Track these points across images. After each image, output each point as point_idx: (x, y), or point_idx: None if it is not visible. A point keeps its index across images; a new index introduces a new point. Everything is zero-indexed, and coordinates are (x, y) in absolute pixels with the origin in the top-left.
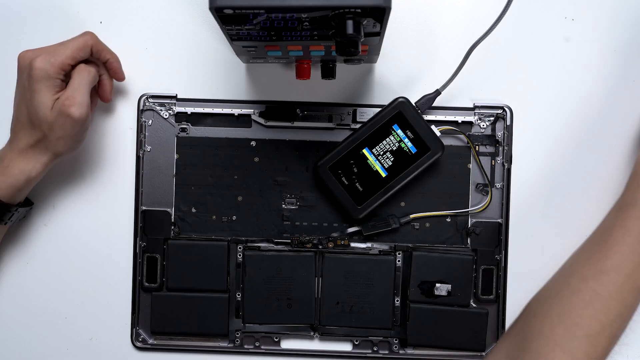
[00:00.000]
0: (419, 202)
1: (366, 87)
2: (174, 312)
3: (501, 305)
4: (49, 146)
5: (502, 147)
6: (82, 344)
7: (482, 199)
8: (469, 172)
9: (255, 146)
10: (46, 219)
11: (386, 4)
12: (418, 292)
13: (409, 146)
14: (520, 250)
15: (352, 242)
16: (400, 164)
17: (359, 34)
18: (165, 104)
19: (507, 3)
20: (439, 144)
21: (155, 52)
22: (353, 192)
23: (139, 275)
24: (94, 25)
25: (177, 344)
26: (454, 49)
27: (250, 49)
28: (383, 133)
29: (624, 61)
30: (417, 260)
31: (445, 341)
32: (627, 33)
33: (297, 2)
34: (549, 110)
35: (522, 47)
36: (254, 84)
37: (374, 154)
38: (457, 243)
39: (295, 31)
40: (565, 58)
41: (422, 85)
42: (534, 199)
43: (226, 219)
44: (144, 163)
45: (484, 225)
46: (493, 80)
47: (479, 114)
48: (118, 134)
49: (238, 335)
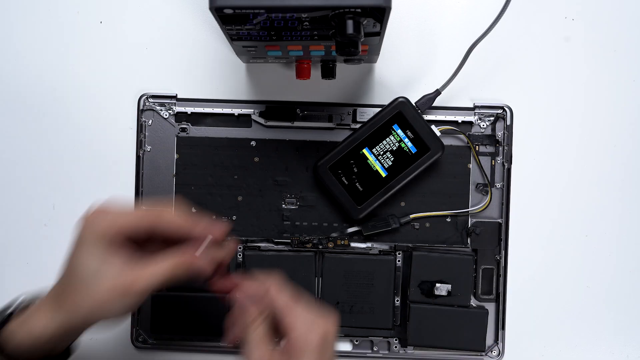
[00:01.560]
0: (419, 202)
1: (366, 87)
2: (174, 312)
3: (501, 305)
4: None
5: (502, 147)
6: (82, 344)
7: (482, 199)
8: (469, 172)
9: (255, 146)
10: (46, 219)
11: (386, 4)
12: (418, 292)
13: (409, 146)
14: (520, 250)
15: (352, 242)
16: (400, 164)
17: (359, 34)
18: (165, 104)
19: (506, 3)
20: (439, 144)
21: (155, 52)
22: (353, 192)
23: None
24: (94, 25)
25: (177, 344)
26: (454, 49)
27: (250, 49)
28: (383, 133)
29: (624, 61)
30: (417, 260)
31: (446, 341)
32: (627, 33)
33: (297, 2)
34: (549, 110)
35: (522, 47)
36: (254, 84)
37: (374, 154)
38: (457, 243)
39: (295, 31)
40: (565, 58)
41: (422, 85)
42: (534, 199)
43: (226, 219)
44: (144, 163)
45: (484, 225)
46: (493, 80)
47: (479, 113)
48: (118, 134)
49: None
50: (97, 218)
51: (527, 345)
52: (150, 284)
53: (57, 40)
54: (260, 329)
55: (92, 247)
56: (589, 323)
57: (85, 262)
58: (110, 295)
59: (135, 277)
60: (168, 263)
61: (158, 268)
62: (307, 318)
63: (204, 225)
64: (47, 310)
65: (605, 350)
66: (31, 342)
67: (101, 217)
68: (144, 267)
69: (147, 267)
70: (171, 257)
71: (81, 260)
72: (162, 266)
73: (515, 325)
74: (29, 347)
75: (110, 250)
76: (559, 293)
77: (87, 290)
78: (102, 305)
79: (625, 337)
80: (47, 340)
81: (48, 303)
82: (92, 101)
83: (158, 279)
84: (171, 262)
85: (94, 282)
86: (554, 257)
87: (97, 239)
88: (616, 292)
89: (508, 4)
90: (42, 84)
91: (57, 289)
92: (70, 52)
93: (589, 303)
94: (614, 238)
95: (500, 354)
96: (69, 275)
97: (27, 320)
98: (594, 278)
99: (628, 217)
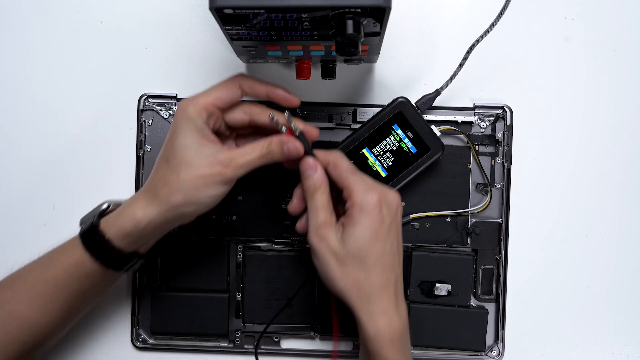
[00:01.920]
0: (419, 202)
1: (366, 87)
2: (174, 312)
3: (501, 305)
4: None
5: (502, 147)
6: (82, 343)
7: (482, 199)
8: (469, 172)
9: None
10: (46, 219)
11: (386, 4)
12: (418, 292)
13: (409, 146)
14: (520, 250)
15: None
16: (400, 164)
17: (359, 34)
18: (165, 104)
19: (506, 3)
20: (439, 144)
21: (155, 52)
22: None
23: (139, 275)
24: (94, 25)
25: (177, 344)
26: (453, 49)
27: (250, 49)
28: (383, 133)
29: (624, 61)
30: (417, 260)
31: (446, 341)
32: (627, 33)
33: (297, 2)
34: (549, 110)
35: (522, 47)
36: None
37: (374, 154)
38: (457, 243)
39: (295, 31)
40: (565, 58)
41: (422, 85)
42: (534, 199)
43: (226, 219)
44: (144, 163)
45: (484, 225)
46: (493, 80)
47: (478, 113)
48: (118, 134)
49: (238, 335)
50: (188, 104)
51: (527, 345)
52: (247, 162)
53: (57, 40)
54: (324, 195)
55: (187, 130)
56: (589, 323)
57: (183, 143)
58: (209, 173)
59: (232, 155)
60: (263, 142)
61: (254, 147)
62: (367, 182)
63: (283, 91)
64: (144, 201)
65: (605, 350)
66: (132, 227)
67: (191, 102)
68: (240, 148)
69: (243, 147)
70: (265, 139)
71: (179, 142)
72: (257, 145)
73: (515, 325)
74: (128, 233)
75: (204, 133)
76: (559, 293)
77: (187, 170)
78: (197, 189)
79: (625, 337)
80: (144, 226)
81: (143, 197)
82: (92, 101)
83: (254, 157)
84: (266, 141)
85: (193, 161)
86: (554, 257)
87: (191, 121)
88: (616, 292)
89: (508, 4)
90: (42, 83)
91: (151, 183)
92: (71, 52)
93: (589, 303)
94: (614, 238)
95: (500, 354)
96: (166, 161)
97: (125, 209)
98: (594, 278)
99: (628, 217)
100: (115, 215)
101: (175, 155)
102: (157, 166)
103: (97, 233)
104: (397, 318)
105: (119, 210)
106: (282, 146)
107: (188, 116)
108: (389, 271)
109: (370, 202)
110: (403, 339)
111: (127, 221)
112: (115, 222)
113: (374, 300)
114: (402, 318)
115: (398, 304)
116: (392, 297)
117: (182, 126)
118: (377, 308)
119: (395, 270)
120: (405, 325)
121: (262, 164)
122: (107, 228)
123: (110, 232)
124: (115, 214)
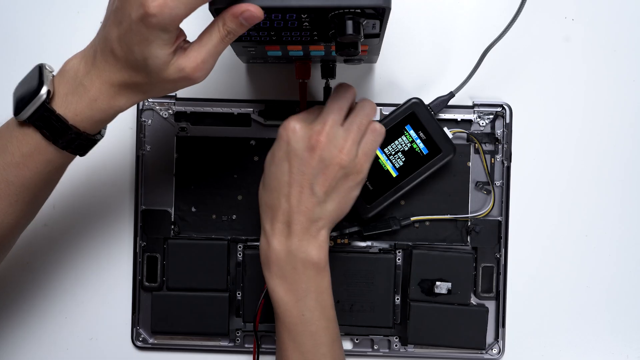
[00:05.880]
0: (418, 200)
1: (366, 87)
2: (174, 312)
3: (501, 303)
4: (147, 91)
5: (502, 145)
6: (82, 343)
7: (482, 197)
8: (469, 170)
9: (255, 145)
10: (46, 218)
11: (386, 4)
12: (418, 291)
13: (420, 147)
14: (520, 248)
15: (352, 241)
16: (411, 165)
17: (358, 34)
18: (164, 104)
19: (520, 5)
20: (451, 146)
21: None
22: (363, 191)
23: (139, 275)
24: (94, 25)
25: (178, 344)
26: (454, 49)
27: (250, 49)
28: (395, 133)
29: (624, 61)
30: (417, 259)
31: (446, 339)
32: (627, 33)
33: (297, 2)
34: (548, 109)
35: (522, 47)
36: (254, 83)
37: (385, 154)
38: (457, 241)
39: (295, 31)
40: (564, 58)
41: (422, 85)
42: (533, 197)
43: (226, 218)
44: (144, 163)
45: (484, 223)
46: (492, 79)
47: (478, 112)
48: (118, 134)
49: (238, 335)
50: (163, 7)
51: (527, 343)
52: (210, 54)
53: (57, 40)
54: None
55: (161, 41)
56: (589, 323)
57: (161, 57)
58: (190, 84)
59: (191, 56)
60: (216, 25)
61: (209, 34)
62: (315, 108)
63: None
64: (129, 92)
65: (605, 350)
66: (110, 119)
67: (168, 7)
68: (195, 43)
69: (198, 40)
70: (215, 20)
71: (158, 57)
72: (212, 30)
73: (516, 323)
74: (101, 119)
75: (174, 39)
76: (559, 293)
77: (171, 85)
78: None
79: (625, 338)
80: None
81: (124, 87)
82: None
83: (215, 43)
84: (219, 21)
85: (177, 81)
86: (554, 256)
87: (165, 31)
88: (616, 292)
89: (523, 5)
90: None
91: (128, 75)
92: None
93: (589, 303)
94: (614, 238)
95: (501, 351)
96: (145, 69)
97: (100, 99)
98: (594, 278)
99: (628, 217)
100: (85, 107)
101: (147, 64)
102: (125, 60)
103: (59, 120)
104: (278, 244)
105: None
106: (237, 19)
107: (165, 28)
108: (274, 196)
109: (284, 124)
110: (282, 266)
111: (106, 114)
112: (81, 110)
113: (262, 217)
114: (283, 247)
115: (288, 233)
116: (276, 222)
117: (156, 37)
118: (262, 224)
119: (286, 199)
120: (288, 257)
121: (226, 46)
122: (69, 114)
123: (75, 119)
124: (83, 105)
